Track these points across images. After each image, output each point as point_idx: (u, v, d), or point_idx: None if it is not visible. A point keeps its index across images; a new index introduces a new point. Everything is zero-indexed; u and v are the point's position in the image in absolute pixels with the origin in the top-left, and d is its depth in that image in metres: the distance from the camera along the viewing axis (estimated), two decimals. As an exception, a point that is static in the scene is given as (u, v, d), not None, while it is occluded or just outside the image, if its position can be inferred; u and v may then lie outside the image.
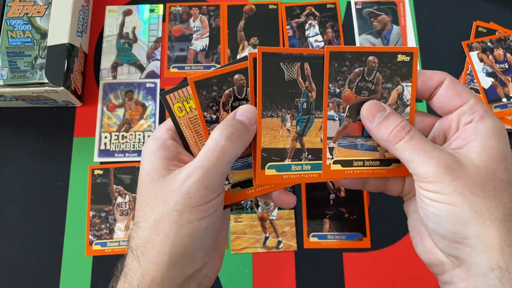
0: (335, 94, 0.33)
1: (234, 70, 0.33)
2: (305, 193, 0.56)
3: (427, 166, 0.29)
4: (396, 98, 0.33)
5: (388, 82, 0.33)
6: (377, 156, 0.34)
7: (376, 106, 0.32)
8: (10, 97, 0.55)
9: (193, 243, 0.31)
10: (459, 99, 0.31)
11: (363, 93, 0.33)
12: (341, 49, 0.32)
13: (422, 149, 0.30)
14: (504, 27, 0.63)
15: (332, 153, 0.34)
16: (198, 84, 0.32)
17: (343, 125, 0.34)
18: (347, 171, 0.34)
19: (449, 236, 0.29)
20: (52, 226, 0.55)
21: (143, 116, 0.59)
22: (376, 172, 0.34)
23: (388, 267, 0.53)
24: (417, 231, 0.34)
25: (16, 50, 0.55)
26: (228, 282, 0.53)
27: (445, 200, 0.28)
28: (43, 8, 0.57)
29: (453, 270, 0.30)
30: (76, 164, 0.57)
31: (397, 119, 0.31)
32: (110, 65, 0.61)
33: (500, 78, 0.60)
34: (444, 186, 0.28)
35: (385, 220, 0.55)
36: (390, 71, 0.33)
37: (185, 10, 0.64)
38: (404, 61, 0.33)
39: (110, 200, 0.56)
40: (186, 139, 0.34)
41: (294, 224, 0.55)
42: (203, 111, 0.33)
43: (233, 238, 0.54)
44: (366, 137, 0.34)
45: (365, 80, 0.33)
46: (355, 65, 0.32)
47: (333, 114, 0.33)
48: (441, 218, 0.29)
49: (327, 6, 0.64)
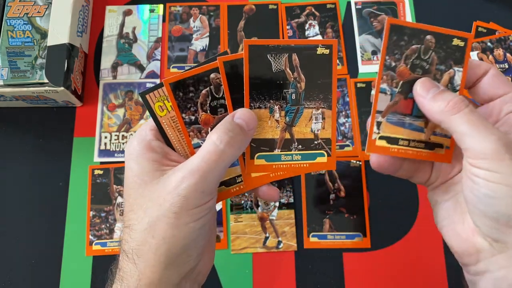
0: (390, 67, 0.33)
1: (210, 69, 0.32)
2: (305, 193, 0.56)
3: (487, 141, 0.28)
4: (447, 81, 0.33)
5: (441, 64, 0.33)
6: (423, 138, 0.34)
7: (430, 82, 0.32)
8: (10, 97, 0.55)
9: (189, 244, 0.31)
10: (502, 89, 0.31)
11: (417, 71, 0.33)
12: (402, 23, 0.32)
13: (482, 124, 0.28)
14: (504, 27, 0.63)
15: (379, 128, 0.33)
16: (174, 86, 0.32)
17: (394, 100, 0.33)
18: (392, 148, 0.33)
19: (501, 219, 0.28)
20: (52, 226, 0.55)
21: (143, 116, 0.59)
22: (419, 154, 0.34)
23: (388, 267, 0.53)
24: (450, 219, 0.33)
25: (16, 50, 0.55)
26: (228, 282, 0.53)
27: (502, 180, 0.27)
28: (43, 8, 0.57)
29: (491, 258, 0.29)
30: (76, 164, 0.57)
31: (454, 93, 0.31)
32: (110, 65, 0.61)
33: (500, 78, 0.60)
34: (502, 165, 0.27)
35: (385, 220, 0.55)
36: (445, 53, 0.33)
37: (185, 10, 0.64)
38: (458, 45, 0.33)
39: (110, 200, 0.56)
40: (169, 138, 0.34)
41: (294, 224, 0.55)
42: (181, 113, 0.33)
43: (233, 238, 0.54)
44: (415, 117, 0.34)
45: (420, 58, 0.33)
46: (413, 42, 0.32)
47: (386, 88, 0.33)
48: (496, 200, 0.27)
49: (327, 6, 0.64)
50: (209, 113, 0.33)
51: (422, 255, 0.54)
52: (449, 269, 0.53)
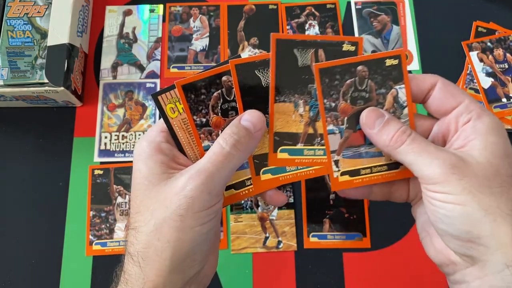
0: (331, 109, 0.33)
1: (222, 72, 0.32)
2: (305, 193, 0.56)
3: (432, 166, 0.29)
4: (392, 102, 0.33)
5: (381, 88, 0.33)
6: (384, 161, 0.34)
7: (374, 113, 0.32)
8: (10, 97, 0.55)
9: (194, 248, 0.30)
10: (454, 100, 0.31)
11: (358, 102, 0.33)
12: (329, 64, 0.32)
13: (425, 151, 0.29)
14: (504, 27, 0.63)
15: (338, 165, 0.34)
16: (186, 88, 0.32)
17: (344, 137, 0.34)
18: (356, 180, 0.34)
19: (462, 236, 0.29)
20: (52, 226, 0.55)
21: (143, 116, 0.59)
22: (385, 177, 0.34)
23: (388, 267, 0.53)
24: (426, 232, 0.34)
25: (16, 50, 0.55)
26: (228, 282, 0.53)
27: (454, 201, 0.28)
28: (43, 8, 0.57)
29: (465, 269, 0.30)
30: (76, 164, 0.57)
31: (397, 124, 0.31)
32: (110, 65, 0.61)
33: (500, 78, 0.60)
34: (452, 186, 0.28)
35: (385, 220, 0.55)
36: (381, 77, 0.33)
37: (185, 10, 0.64)
38: (393, 64, 0.33)
39: (110, 200, 0.56)
40: (180, 140, 0.34)
41: (294, 224, 0.55)
42: (192, 115, 0.33)
43: (233, 238, 0.54)
44: (369, 145, 0.34)
45: (358, 90, 0.33)
46: (346, 77, 0.33)
47: (333, 128, 0.34)
48: (453, 219, 0.28)
49: (327, 6, 0.64)
50: (220, 115, 0.33)
51: (422, 255, 0.53)
52: (449, 269, 0.53)
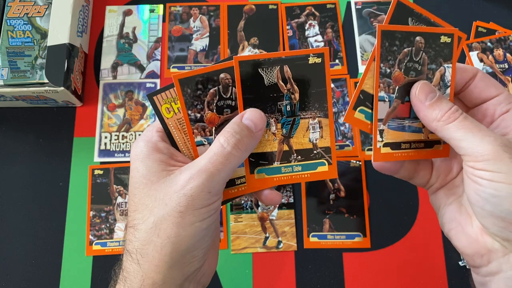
0: (386, 74, 0.33)
1: (220, 69, 0.32)
2: (305, 193, 0.56)
3: (483, 143, 0.28)
4: (439, 79, 0.34)
5: (432, 63, 0.33)
6: (422, 138, 0.35)
7: (427, 87, 0.33)
8: (10, 97, 0.55)
9: (194, 244, 0.31)
10: (494, 90, 0.32)
11: (411, 73, 0.33)
12: (392, 28, 0.32)
13: (477, 128, 0.29)
14: (504, 27, 0.63)
15: (382, 136, 0.34)
16: (182, 82, 0.32)
17: (392, 106, 0.34)
18: (396, 154, 0.34)
19: (509, 217, 0.28)
20: (52, 226, 0.55)
21: (143, 116, 0.59)
22: (420, 154, 0.35)
23: (388, 267, 0.53)
24: (456, 222, 0.33)
25: (16, 50, 0.55)
26: (228, 282, 0.53)
27: (505, 180, 0.28)
28: (43, 8, 0.57)
29: (503, 257, 0.29)
30: (76, 164, 0.57)
31: (450, 102, 0.32)
32: (110, 65, 0.61)
33: (500, 78, 0.60)
34: (503, 164, 0.28)
35: (385, 220, 0.55)
36: (434, 52, 0.33)
37: (185, 10, 0.64)
38: (446, 42, 0.33)
39: (110, 200, 0.56)
40: (175, 140, 0.34)
41: (294, 224, 0.55)
42: (187, 110, 0.33)
43: (233, 238, 0.54)
44: (412, 119, 0.34)
45: (413, 61, 0.33)
46: (404, 45, 0.33)
47: (383, 95, 0.34)
48: (502, 199, 0.28)
49: (327, 6, 0.64)
50: (215, 112, 0.33)
51: (422, 255, 0.54)
52: (449, 269, 0.53)
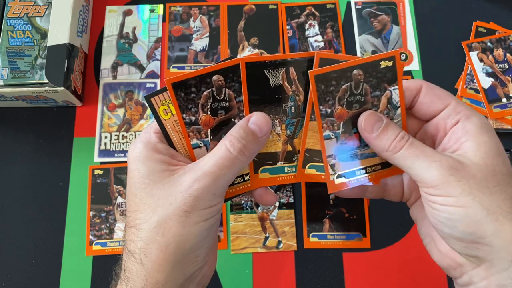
0: (327, 115, 0.33)
1: (212, 71, 0.32)
2: (305, 193, 0.56)
3: (430, 169, 0.29)
4: (386, 103, 0.34)
5: (376, 90, 0.33)
6: (378, 161, 0.35)
7: (373, 117, 0.33)
8: (10, 97, 0.55)
9: (197, 243, 0.31)
10: (440, 103, 0.32)
11: (354, 106, 0.33)
12: (325, 70, 0.32)
13: (422, 154, 0.30)
14: (504, 27, 0.63)
15: (334, 169, 0.34)
16: (176, 86, 0.32)
17: (340, 141, 0.34)
18: (351, 181, 0.35)
19: (466, 237, 0.29)
20: (52, 226, 0.55)
21: (143, 116, 0.59)
22: (378, 176, 0.35)
23: (388, 267, 0.53)
24: (430, 237, 0.34)
25: (16, 50, 0.55)
26: (228, 282, 0.53)
27: (455, 203, 0.28)
28: (43, 8, 0.57)
29: (472, 271, 0.30)
30: (76, 164, 0.57)
31: (396, 129, 0.32)
32: (110, 65, 0.61)
33: (500, 78, 0.60)
34: (451, 188, 0.28)
35: (385, 220, 0.55)
36: (376, 79, 0.33)
37: (185, 10, 0.64)
38: (387, 66, 0.33)
39: (110, 200, 0.56)
40: (173, 141, 0.34)
41: (294, 224, 0.55)
42: (182, 113, 0.33)
43: (233, 238, 0.54)
44: (364, 146, 0.35)
45: (353, 94, 0.33)
46: (342, 82, 0.32)
47: (329, 133, 0.34)
48: (455, 222, 0.29)
49: (327, 6, 0.64)
50: (209, 114, 0.33)
51: (422, 255, 0.54)
52: (449, 269, 0.53)
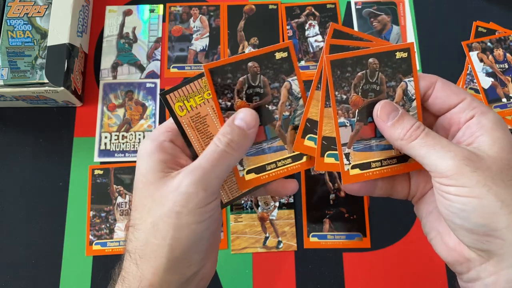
0: (343, 101, 0.33)
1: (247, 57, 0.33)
2: (305, 193, 0.56)
3: (445, 159, 0.29)
4: (401, 95, 0.34)
5: (391, 80, 0.33)
6: (394, 154, 0.34)
7: (389, 106, 0.32)
8: (10, 97, 0.55)
9: (191, 247, 0.31)
10: (456, 97, 0.32)
11: (369, 95, 0.33)
12: (341, 56, 0.32)
13: (438, 144, 0.30)
14: (504, 27, 0.63)
15: (349, 159, 0.34)
16: (213, 72, 0.33)
17: (355, 130, 0.34)
18: (366, 173, 0.34)
19: (478, 229, 0.28)
20: (52, 226, 0.55)
21: (143, 116, 0.59)
22: (394, 170, 0.34)
23: (388, 267, 0.53)
24: (436, 231, 0.34)
25: (16, 50, 0.55)
26: (228, 282, 0.53)
27: (469, 193, 0.28)
28: (43, 8, 0.57)
29: (480, 266, 0.30)
30: (76, 164, 0.57)
31: (412, 119, 0.32)
32: (110, 65, 0.61)
33: (500, 78, 0.60)
34: (466, 178, 0.28)
35: (385, 220, 0.55)
36: (391, 70, 0.33)
37: (185, 10, 0.64)
38: (402, 57, 0.33)
39: (110, 200, 0.56)
40: (189, 138, 0.34)
41: (294, 224, 0.55)
42: (218, 98, 0.33)
43: (233, 238, 0.54)
44: (379, 137, 0.34)
45: (369, 82, 0.33)
46: (357, 69, 0.33)
47: (344, 121, 0.34)
48: (469, 213, 0.28)
49: (327, 6, 0.64)
50: (244, 100, 0.34)
51: (422, 255, 0.54)
52: (449, 269, 0.53)
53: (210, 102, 0.34)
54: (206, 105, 0.34)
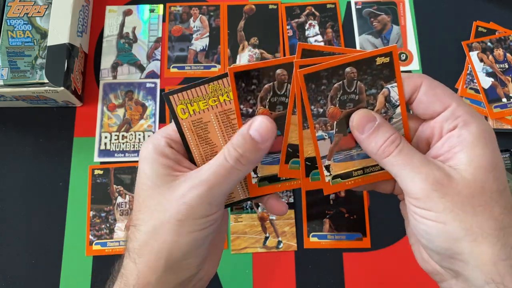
0: (319, 115, 0.32)
1: (277, 64, 0.31)
2: (305, 193, 0.56)
3: (414, 181, 0.28)
4: (383, 102, 0.32)
5: (371, 88, 0.31)
6: (375, 161, 0.33)
7: (365, 116, 0.31)
8: (10, 97, 0.55)
9: (191, 252, 0.31)
10: (439, 104, 0.30)
11: (347, 105, 0.32)
12: (315, 69, 0.30)
13: (409, 164, 0.29)
14: (504, 27, 0.63)
15: (329, 170, 0.33)
16: (237, 76, 0.31)
17: (334, 141, 0.33)
18: (348, 182, 0.33)
19: (442, 252, 0.29)
20: (52, 226, 0.55)
21: (143, 116, 0.59)
22: (376, 177, 0.34)
23: (388, 267, 0.53)
24: (414, 238, 0.33)
25: (16, 50, 0.55)
26: (228, 282, 0.53)
27: (435, 218, 0.28)
28: (43, 8, 0.57)
29: (451, 280, 0.30)
30: (76, 164, 0.57)
31: (387, 131, 0.30)
32: (110, 65, 0.61)
33: (500, 78, 0.60)
34: (433, 203, 0.28)
35: (385, 220, 0.55)
36: (371, 77, 0.31)
37: (185, 10, 0.64)
38: (384, 63, 0.31)
39: (110, 200, 0.56)
40: (188, 141, 0.34)
41: (294, 224, 0.55)
42: (240, 104, 0.32)
43: (233, 238, 0.54)
44: (360, 146, 0.33)
45: (347, 93, 0.31)
46: (333, 81, 0.31)
47: (322, 134, 0.32)
48: (432, 236, 0.28)
49: (327, 6, 0.64)
50: (267, 108, 0.32)
51: (422, 255, 0.54)
52: (449, 269, 0.53)
53: (214, 109, 0.33)
54: (209, 112, 0.33)
